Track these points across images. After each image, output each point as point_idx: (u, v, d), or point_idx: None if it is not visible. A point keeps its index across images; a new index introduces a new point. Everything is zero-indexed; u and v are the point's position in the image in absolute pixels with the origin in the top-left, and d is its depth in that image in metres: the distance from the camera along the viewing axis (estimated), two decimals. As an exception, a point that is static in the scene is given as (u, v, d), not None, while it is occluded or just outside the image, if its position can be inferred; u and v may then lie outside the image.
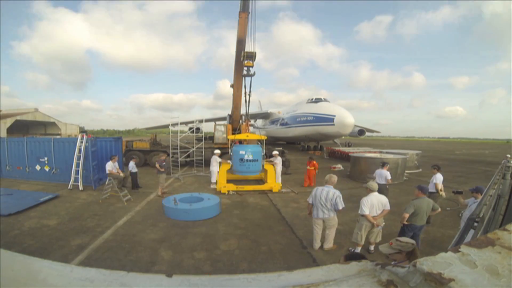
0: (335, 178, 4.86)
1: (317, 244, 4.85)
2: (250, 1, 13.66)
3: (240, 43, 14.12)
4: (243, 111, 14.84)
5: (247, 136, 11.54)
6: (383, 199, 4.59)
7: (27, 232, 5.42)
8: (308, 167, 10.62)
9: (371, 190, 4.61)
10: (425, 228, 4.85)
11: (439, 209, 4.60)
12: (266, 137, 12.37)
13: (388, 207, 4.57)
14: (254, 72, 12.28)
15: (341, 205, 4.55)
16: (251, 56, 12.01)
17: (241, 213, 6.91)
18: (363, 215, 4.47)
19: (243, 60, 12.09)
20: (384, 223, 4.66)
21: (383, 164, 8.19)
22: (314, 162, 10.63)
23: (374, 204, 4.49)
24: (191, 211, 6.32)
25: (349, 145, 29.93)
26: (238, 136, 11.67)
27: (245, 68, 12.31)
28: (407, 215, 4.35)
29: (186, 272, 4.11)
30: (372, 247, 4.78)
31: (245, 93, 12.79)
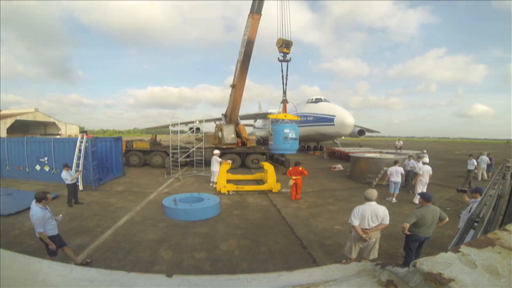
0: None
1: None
2: (264, 3, 14.13)
3: (250, 44, 14.49)
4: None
5: (285, 116, 11.98)
6: (381, 211, 3.87)
7: (27, 232, 5.41)
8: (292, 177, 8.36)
9: (367, 199, 3.96)
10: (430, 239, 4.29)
11: (447, 219, 4.18)
12: (300, 118, 12.75)
13: (386, 221, 3.88)
14: (290, 58, 12.78)
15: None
16: (289, 45, 12.51)
17: (241, 213, 6.90)
18: (353, 226, 3.89)
19: (282, 47, 12.50)
20: (374, 239, 3.95)
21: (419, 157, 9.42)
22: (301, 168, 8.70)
23: (367, 215, 3.84)
24: (191, 211, 6.32)
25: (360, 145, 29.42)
26: (280, 116, 12.29)
27: (281, 54, 12.74)
28: (407, 225, 3.91)
29: (186, 272, 4.11)
30: None
31: (282, 76, 13.09)
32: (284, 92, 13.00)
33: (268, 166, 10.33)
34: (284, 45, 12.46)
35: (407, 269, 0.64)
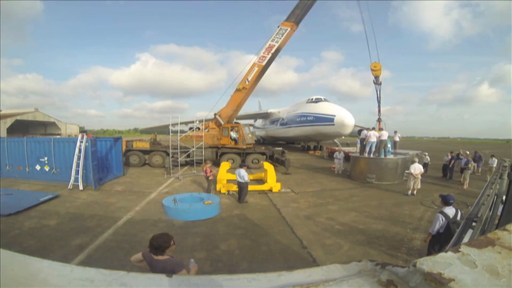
0: None
1: None
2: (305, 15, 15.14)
3: (278, 51, 15.05)
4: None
5: (377, 130, 12.74)
6: None
7: (27, 232, 5.42)
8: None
9: None
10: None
11: None
12: (380, 132, 12.90)
13: None
14: (381, 82, 13.55)
15: None
16: (380, 68, 13.53)
17: (241, 213, 6.90)
18: None
19: (378, 70, 13.12)
20: None
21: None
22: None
23: None
24: (191, 211, 6.32)
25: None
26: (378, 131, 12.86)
27: (375, 77, 13.45)
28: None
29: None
30: None
31: (377, 98, 13.72)
32: (379, 112, 13.86)
33: (268, 166, 10.34)
34: (378, 69, 13.39)
35: (407, 269, 0.64)
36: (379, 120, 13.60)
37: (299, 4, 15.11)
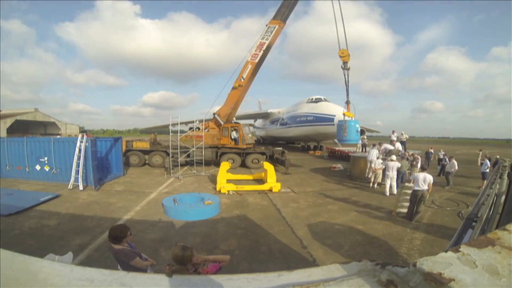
0: None
1: None
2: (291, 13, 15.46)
3: (268, 49, 15.38)
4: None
5: (346, 113, 13.13)
6: None
7: (27, 232, 5.42)
8: None
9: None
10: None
11: None
12: (354, 116, 13.16)
13: None
14: (349, 67, 13.68)
15: None
16: (348, 54, 13.63)
17: (241, 213, 6.90)
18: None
19: (346, 57, 13.30)
20: None
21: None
22: None
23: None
24: (191, 210, 6.32)
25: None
26: (346, 113, 13.20)
27: (343, 63, 13.61)
28: None
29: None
30: None
31: (345, 82, 13.76)
32: (347, 95, 13.91)
33: (268, 166, 10.34)
34: (347, 56, 13.50)
35: (407, 269, 0.64)
36: (347, 103, 13.76)
37: (284, 3, 15.50)
